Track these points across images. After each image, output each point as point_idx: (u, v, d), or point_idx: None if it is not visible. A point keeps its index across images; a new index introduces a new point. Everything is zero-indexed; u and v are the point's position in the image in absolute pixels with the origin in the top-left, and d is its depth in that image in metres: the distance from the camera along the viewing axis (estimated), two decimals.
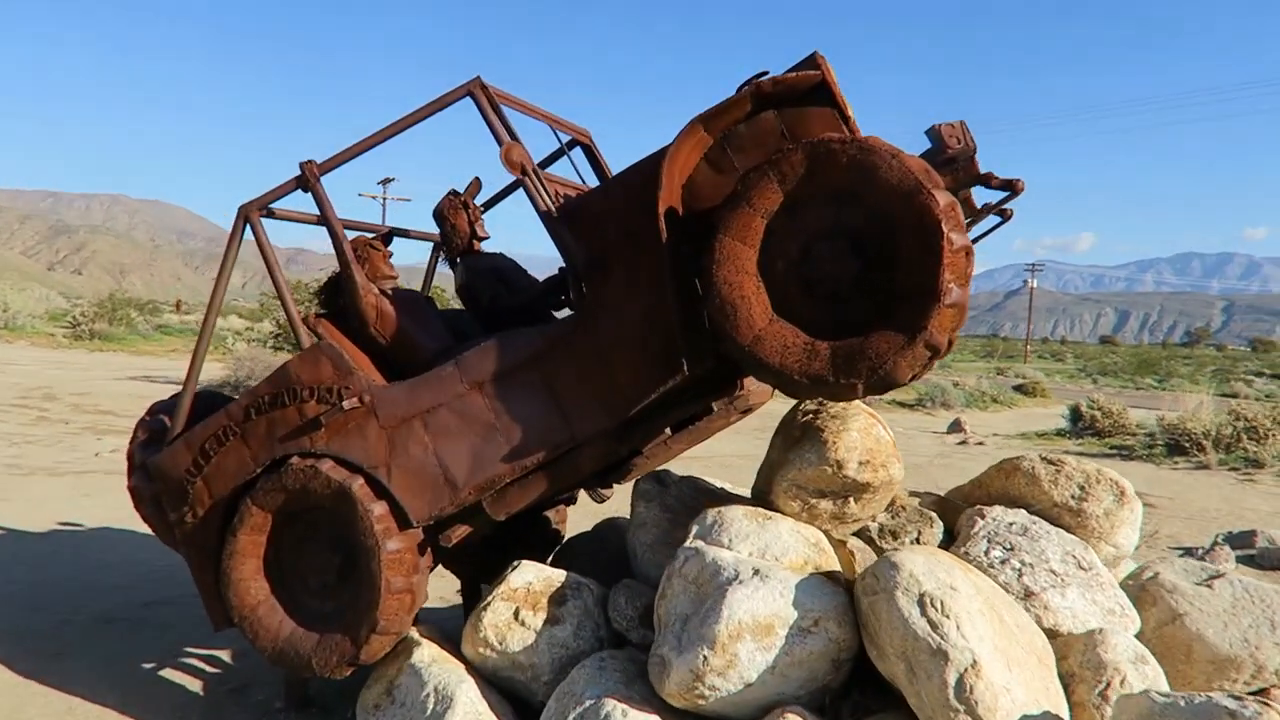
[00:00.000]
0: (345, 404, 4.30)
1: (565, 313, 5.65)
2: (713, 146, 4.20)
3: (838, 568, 3.91)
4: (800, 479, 4.07)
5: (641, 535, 4.76)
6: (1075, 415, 20.74)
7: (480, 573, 5.76)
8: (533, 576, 4.32)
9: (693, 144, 4.05)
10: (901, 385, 3.62)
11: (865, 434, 4.05)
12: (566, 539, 5.91)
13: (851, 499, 4.10)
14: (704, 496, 5.02)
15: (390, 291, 4.70)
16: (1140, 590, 4.17)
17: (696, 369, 3.91)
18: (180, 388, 4.89)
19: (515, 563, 4.43)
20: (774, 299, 3.77)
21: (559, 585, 4.31)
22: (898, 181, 3.50)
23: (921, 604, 3.24)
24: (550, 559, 5.64)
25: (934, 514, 4.36)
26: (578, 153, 5.59)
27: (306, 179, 4.48)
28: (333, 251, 4.55)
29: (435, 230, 5.95)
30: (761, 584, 3.57)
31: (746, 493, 5.49)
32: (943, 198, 3.50)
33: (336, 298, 4.75)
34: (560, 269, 5.13)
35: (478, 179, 5.48)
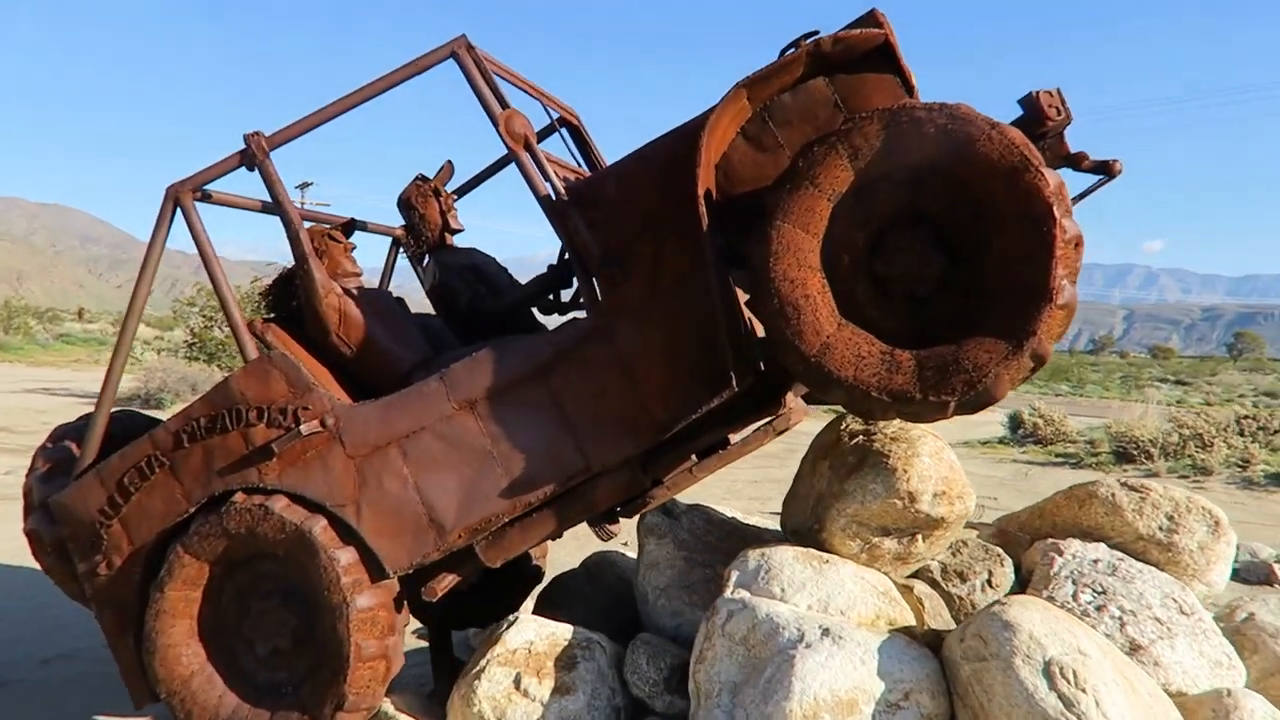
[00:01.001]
0: (303, 428, 3.50)
1: (553, 319, 4.94)
2: (751, 119, 3.54)
3: (912, 621, 3.27)
4: (863, 514, 3.42)
5: (653, 577, 4.06)
6: (1015, 423, 20.68)
7: (449, 617, 4.97)
8: (533, 634, 3.58)
9: (732, 115, 3.38)
10: (995, 403, 3.01)
11: (938, 460, 3.43)
12: (551, 577, 5.17)
13: (920, 537, 3.47)
14: (723, 531, 4.35)
15: (355, 291, 3.91)
16: (1235, 634, 3.63)
17: (744, 384, 3.23)
18: (93, 405, 4.01)
19: (511, 616, 3.69)
20: (837, 300, 3.13)
21: (566, 644, 3.58)
22: (999, 157, 2.90)
23: (1049, 674, 2.63)
24: (534, 602, 4.89)
25: (1000, 550, 3.76)
26: (566, 136, 4.87)
27: (252, 154, 3.68)
28: (260, 254, 3.74)
29: (390, 224, 5.17)
30: (836, 648, 2.91)
31: (764, 523, 4.84)
32: (1052, 178, 2.91)
33: (289, 299, 3.94)
34: (551, 266, 4.41)
35: (450, 163, 4.73)
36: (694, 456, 3.76)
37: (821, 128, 3.48)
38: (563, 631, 3.63)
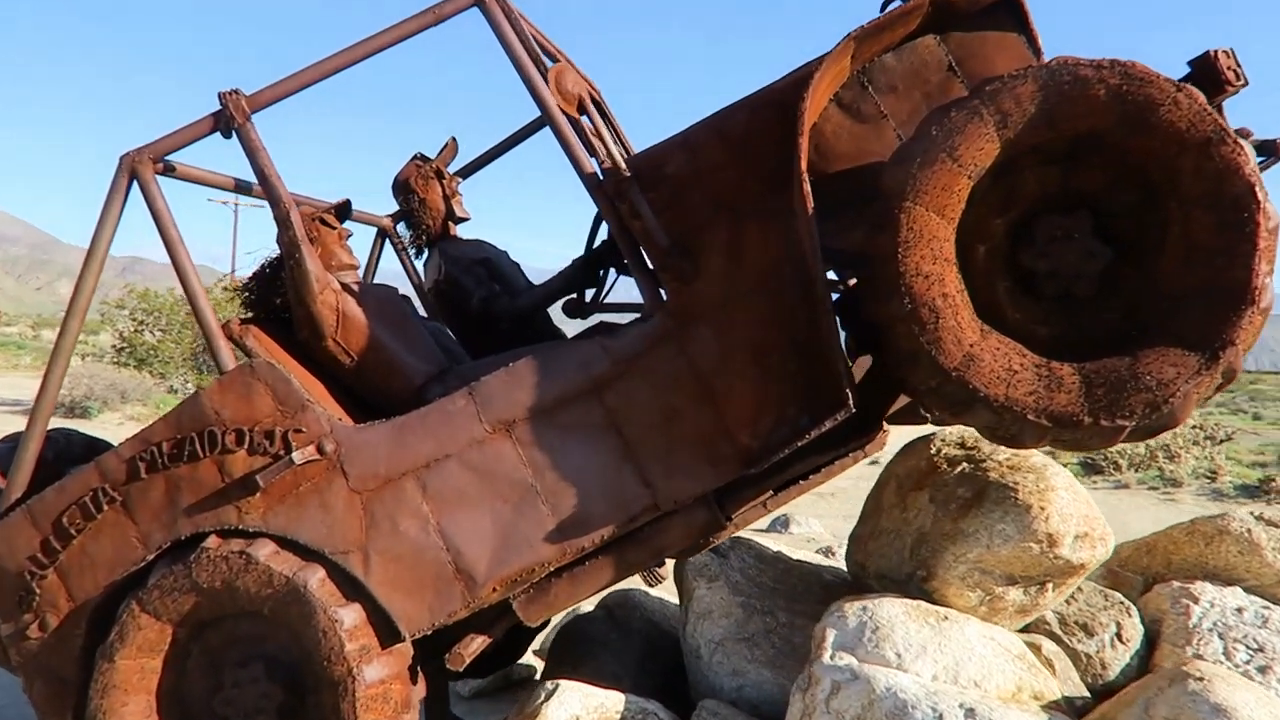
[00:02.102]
0: (296, 455, 2.80)
1: (570, 323, 4.29)
2: (847, 84, 2.96)
3: (1056, 692, 2.69)
4: (988, 561, 2.84)
5: (706, 629, 3.43)
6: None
7: (445, 665, 4.26)
8: (579, 706, 2.93)
9: (834, 75, 2.79)
10: (1175, 428, 2.46)
11: (1075, 495, 2.88)
12: (563, 619, 4.51)
13: (1050, 586, 2.91)
14: (777, 570, 3.75)
15: (356, 287, 3.22)
16: None
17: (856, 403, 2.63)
18: (18, 417, 3.24)
19: (551, 684, 3.03)
20: (972, 300, 2.56)
21: (619, 718, 2.93)
22: (1188, 127, 2.36)
23: None
24: (547, 651, 4.23)
25: (1121, 596, 3.21)
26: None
27: (230, 117, 2.97)
28: (197, 256, 3.02)
29: (371, 211, 4.46)
30: None
31: (816, 558, 4.24)
32: (1251, 153, 2.38)
33: (273, 295, 3.23)
34: (576, 260, 3.77)
35: (454, 140, 4.06)
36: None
37: (932, 94, 2.92)
38: (613, 702, 2.98)
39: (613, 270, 3.83)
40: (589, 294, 3.83)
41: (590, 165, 2.98)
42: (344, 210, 3.47)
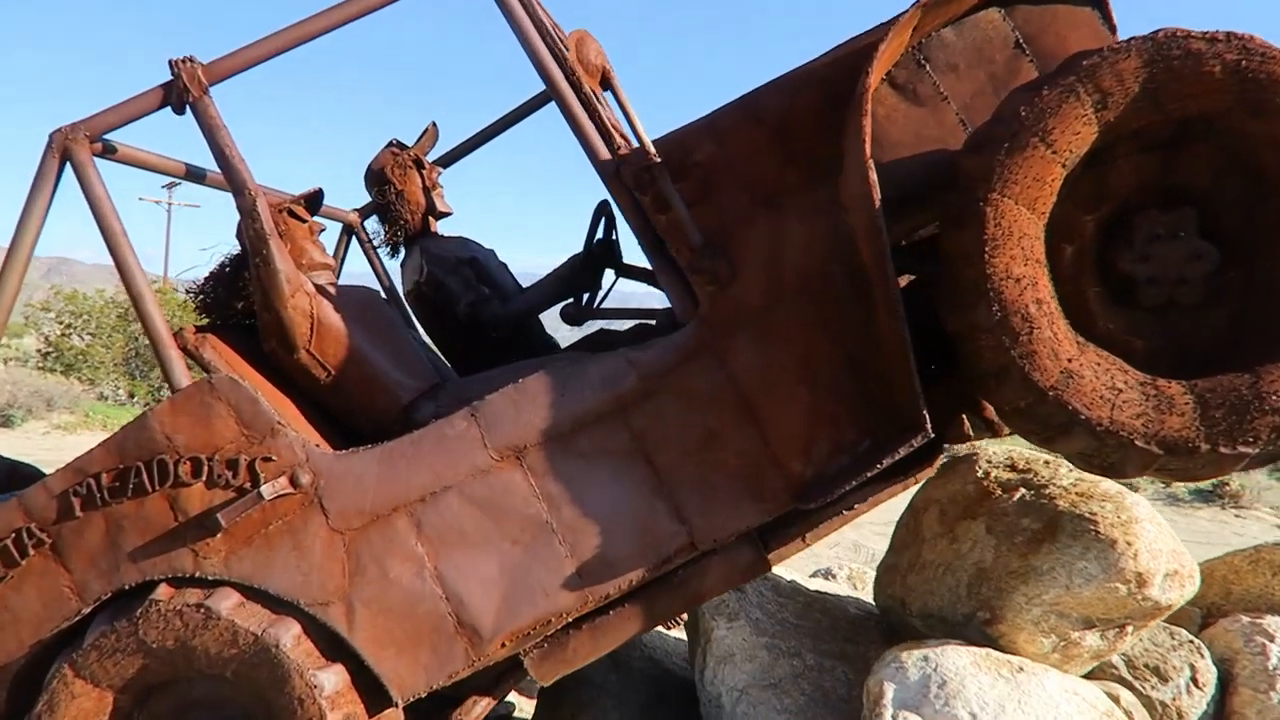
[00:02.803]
0: (265, 489, 2.36)
1: (558, 330, 3.90)
2: (900, 62, 2.61)
3: None
4: (1067, 603, 2.51)
5: (728, 675, 3.06)
6: None
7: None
8: None
9: (894, 49, 2.44)
10: None
11: (1159, 527, 2.56)
12: None
13: (1130, 628, 2.59)
14: (798, 604, 3.39)
15: (332, 289, 2.78)
16: None
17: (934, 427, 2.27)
18: None
19: None
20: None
21: None
22: None
23: None
24: (538, 689, 3.81)
25: (1190, 635, 2.91)
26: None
27: (184, 88, 2.52)
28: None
29: (335, 205, 4.00)
30: None
31: (828, 587, 3.90)
32: None
33: (235, 298, 2.77)
34: (573, 259, 3.38)
35: (434, 125, 3.63)
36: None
37: (998, 74, 2.58)
38: None
39: (609, 272, 3.46)
40: (581, 298, 3.44)
41: (605, 149, 2.60)
42: (315, 201, 3.03)
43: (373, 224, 3.59)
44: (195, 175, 3.10)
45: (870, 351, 2.38)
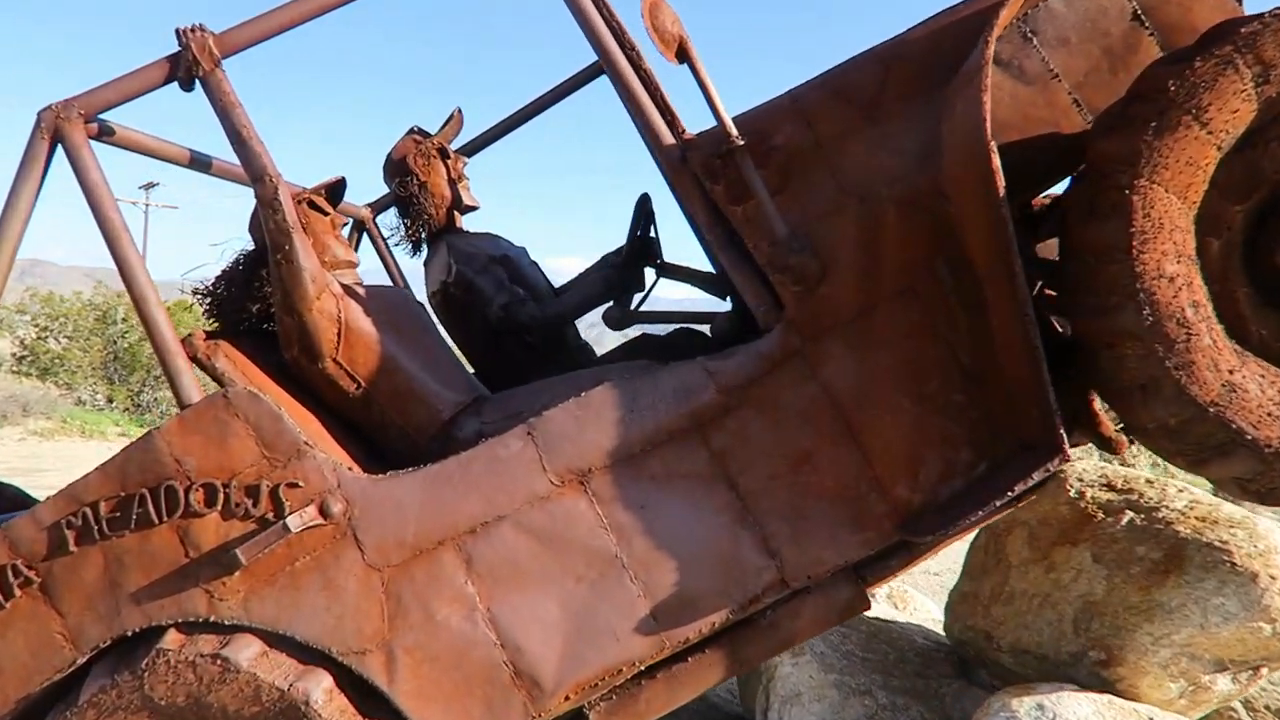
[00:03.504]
0: (292, 520, 2.04)
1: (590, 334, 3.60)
2: (1004, 36, 2.33)
3: None
4: (1201, 643, 2.24)
5: (796, 716, 2.78)
6: None
7: None
8: None
9: (1006, 20, 2.16)
10: None
11: None
12: None
13: (1265, 669, 2.31)
14: (861, 635, 3.10)
15: (361, 291, 2.47)
16: None
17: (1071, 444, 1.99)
18: None
19: None
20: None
21: None
22: None
23: None
24: None
25: None
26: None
27: (194, 62, 2.20)
28: (92, 256, 2.23)
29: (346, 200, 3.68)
30: None
31: (885, 612, 3.61)
32: None
33: (250, 300, 2.45)
34: (613, 256, 3.10)
35: (459, 111, 3.32)
36: None
37: (1114, 49, 2.31)
38: None
39: (649, 272, 3.16)
40: (622, 300, 3.14)
41: (668, 133, 2.30)
42: (337, 191, 2.71)
43: (396, 217, 3.26)
44: (201, 163, 2.78)
45: (984, 359, 2.10)
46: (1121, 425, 2.27)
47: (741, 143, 2.13)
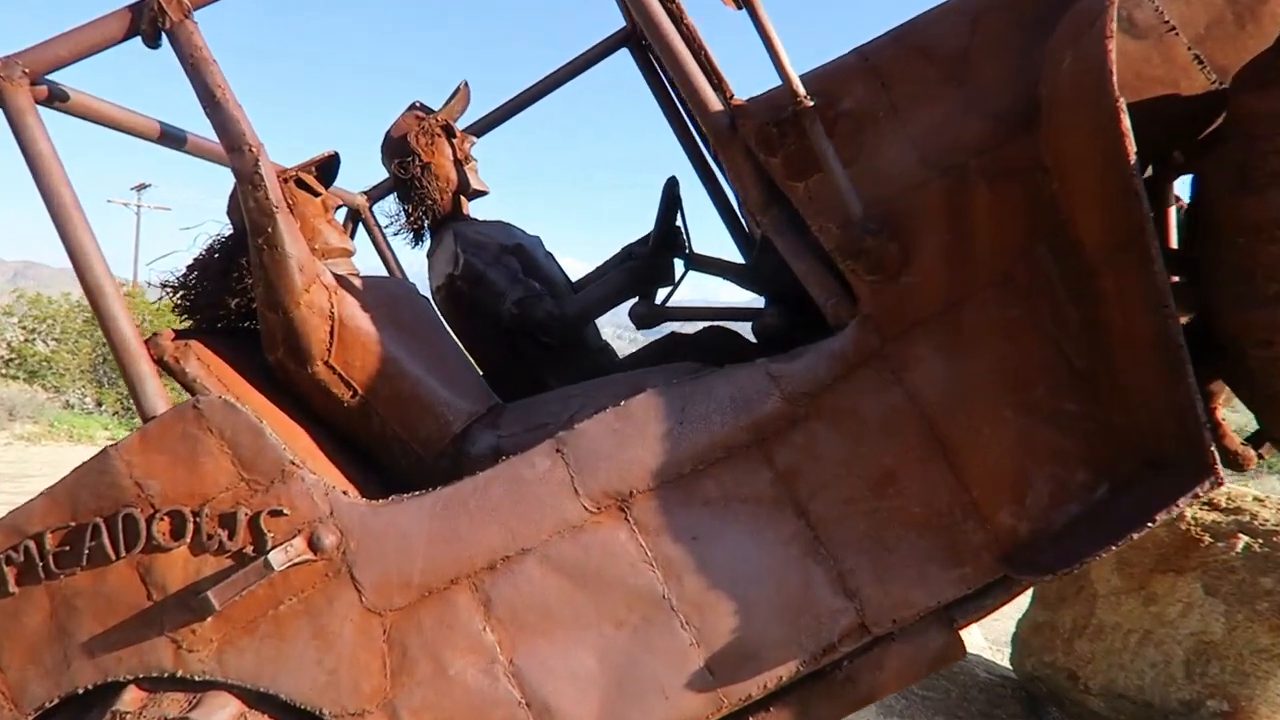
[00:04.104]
0: (275, 555, 1.70)
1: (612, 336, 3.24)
2: None
3: None
4: None
5: None
6: None
7: None
8: None
9: None
10: None
11: None
12: None
13: None
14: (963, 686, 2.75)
15: (357, 283, 2.12)
16: None
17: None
18: None
19: None
20: None
21: None
22: None
23: None
24: None
25: None
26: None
27: (159, 10, 1.86)
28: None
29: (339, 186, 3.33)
30: None
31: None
32: None
33: (226, 293, 2.11)
34: (642, 245, 2.78)
35: (465, 85, 2.97)
36: None
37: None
38: None
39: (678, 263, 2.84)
40: (650, 295, 2.81)
41: (714, 98, 1.97)
42: (330, 169, 2.36)
43: (384, 208, 2.91)
44: (173, 138, 2.43)
45: (1101, 360, 1.76)
46: (1248, 437, 1.94)
47: (812, 104, 1.79)
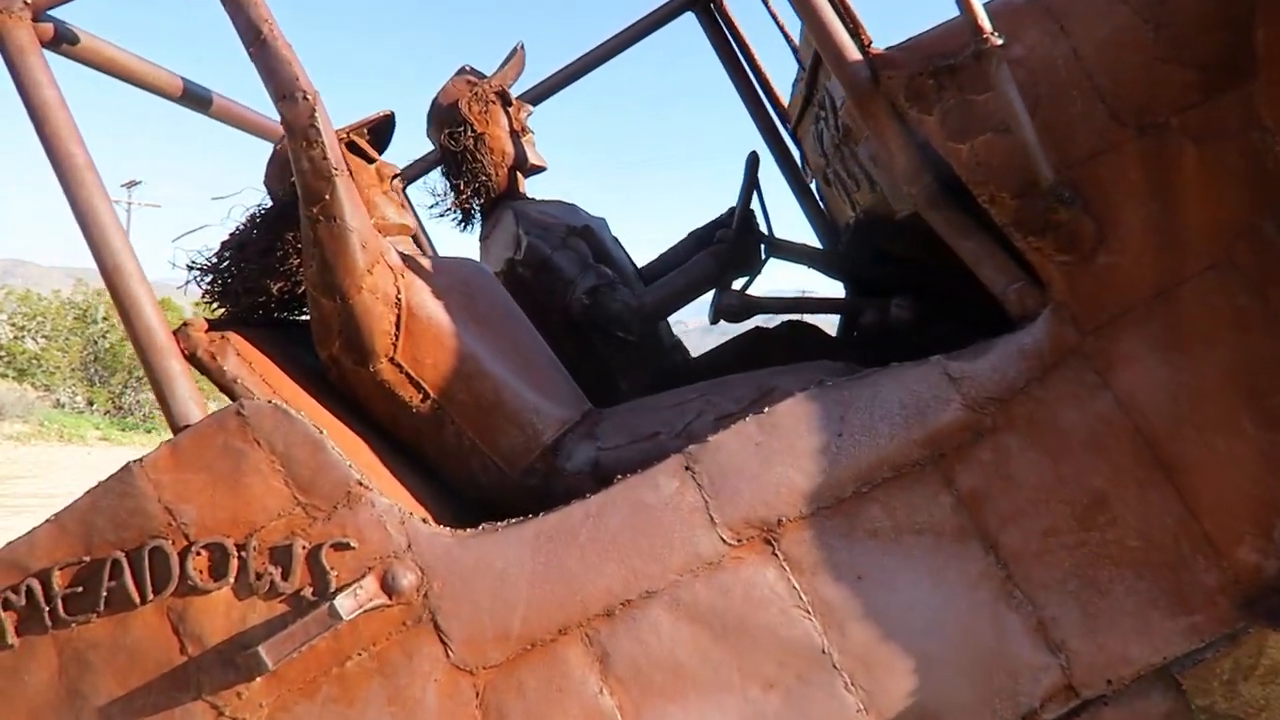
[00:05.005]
0: (342, 600, 1.35)
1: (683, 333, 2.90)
2: None
3: None
4: None
5: None
6: None
7: None
8: None
9: None
10: None
11: None
12: None
13: None
14: None
15: (425, 262, 1.77)
16: None
17: None
18: None
19: None
20: None
21: None
22: None
23: None
24: None
25: None
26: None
27: None
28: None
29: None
30: None
31: None
32: None
33: (268, 275, 1.75)
34: (706, 229, 2.47)
35: (521, 47, 2.63)
36: None
37: None
38: None
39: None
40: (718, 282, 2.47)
41: (852, 46, 1.65)
42: (383, 132, 2.02)
43: (443, 177, 2.56)
44: (197, 99, 2.08)
45: None
46: None
47: (1000, 41, 1.45)
